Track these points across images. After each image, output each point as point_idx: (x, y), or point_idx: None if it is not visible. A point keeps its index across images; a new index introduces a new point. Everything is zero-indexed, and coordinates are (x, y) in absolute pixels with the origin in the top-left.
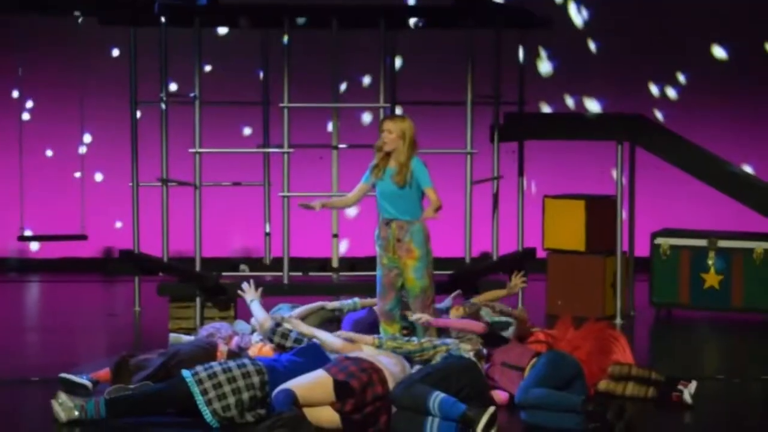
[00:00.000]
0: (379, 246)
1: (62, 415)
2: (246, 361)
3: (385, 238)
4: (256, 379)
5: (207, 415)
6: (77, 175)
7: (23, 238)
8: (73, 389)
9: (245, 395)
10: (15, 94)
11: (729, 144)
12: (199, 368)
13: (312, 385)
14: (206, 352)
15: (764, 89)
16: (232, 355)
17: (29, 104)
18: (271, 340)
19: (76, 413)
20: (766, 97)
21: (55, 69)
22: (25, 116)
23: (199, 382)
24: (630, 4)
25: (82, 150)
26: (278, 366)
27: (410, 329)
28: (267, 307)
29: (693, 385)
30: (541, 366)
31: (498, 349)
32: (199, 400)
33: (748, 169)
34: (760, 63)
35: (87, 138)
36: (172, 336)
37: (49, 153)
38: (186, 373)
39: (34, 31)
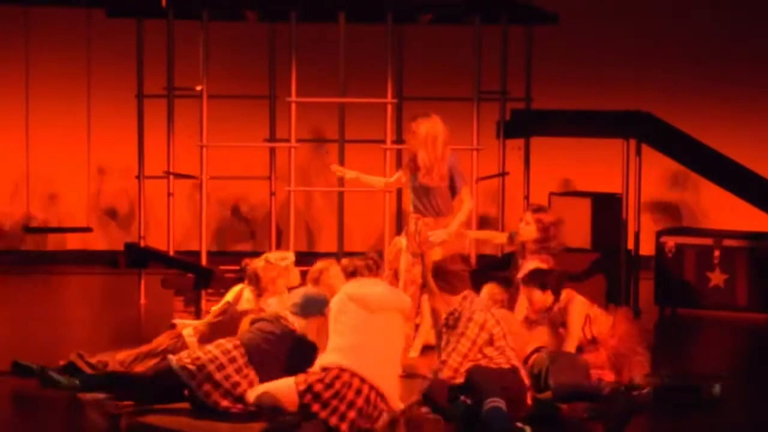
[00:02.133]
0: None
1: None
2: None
3: (412, 233)
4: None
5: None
6: (84, 167)
7: (29, 230)
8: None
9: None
10: (21, 85)
11: (737, 142)
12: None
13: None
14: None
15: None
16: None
17: (35, 95)
18: None
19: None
20: None
21: (62, 60)
22: (31, 107)
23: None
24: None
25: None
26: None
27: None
28: None
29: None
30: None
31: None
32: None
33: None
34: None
35: (93, 130)
36: (178, 322)
37: (55, 144)
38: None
39: (42, 22)
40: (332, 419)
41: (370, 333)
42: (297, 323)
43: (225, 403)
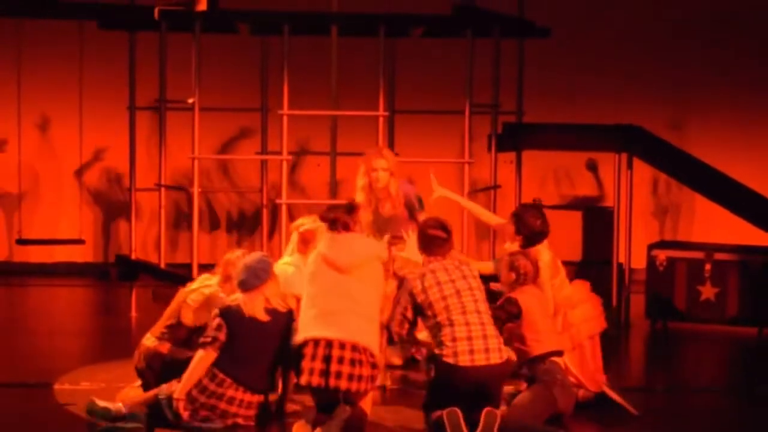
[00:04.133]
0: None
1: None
2: None
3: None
4: None
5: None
6: (76, 179)
7: (21, 242)
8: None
9: None
10: (14, 96)
11: (729, 156)
12: None
13: None
14: None
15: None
16: None
17: (27, 107)
18: None
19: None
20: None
21: (54, 72)
22: (23, 119)
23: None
24: (631, 11)
25: (80, 153)
26: None
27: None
28: None
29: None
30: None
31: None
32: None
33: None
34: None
35: (85, 141)
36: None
37: (47, 157)
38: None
39: (34, 34)
40: (330, 382)
41: (343, 294)
42: (246, 300)
43: (228, 421)
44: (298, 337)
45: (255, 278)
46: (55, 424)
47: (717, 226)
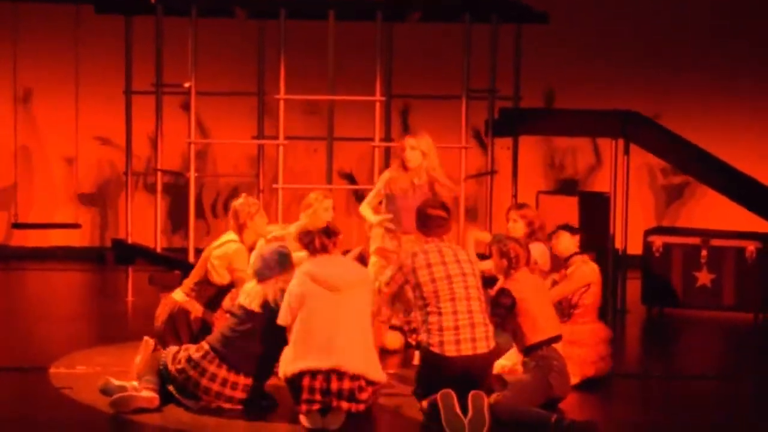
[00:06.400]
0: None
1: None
2: None
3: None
4: None
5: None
6: (72, 163)
7: (17, 226)
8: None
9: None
10: (10, 82)
11: (726, 142)
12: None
13: None
14: None
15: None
16: None
17: (24, 92)
18: None
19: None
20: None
21: (50, 57)
22: (20, 104)
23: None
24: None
25: (77, 137)
26: None
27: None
28: None
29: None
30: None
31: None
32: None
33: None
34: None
35: (81, 125)
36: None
37: (43, 141)
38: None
39: (30, 18)
40: (332, 405)
41: (336, 316)
42: (268, 290)
43: (217, 404)
44: (295, 365)
45: (268, 269)
46: (51, 407)
47: (713, 212)
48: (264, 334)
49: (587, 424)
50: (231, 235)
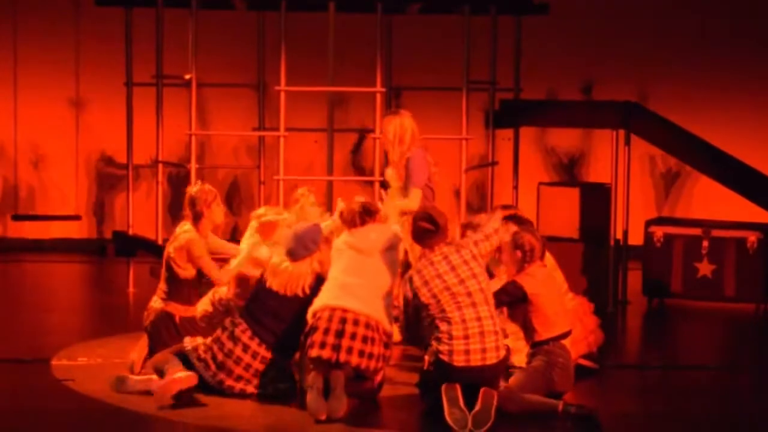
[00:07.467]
0: None
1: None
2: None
3: None
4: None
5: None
6: (72, 155)
7: (17, 217)
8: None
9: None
10: (9, 73)
11: (727, 133)
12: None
13: None
14: None
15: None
16: None
17: (24, 83)
18: None
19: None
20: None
21: (50, 48)
22: (19, 95)
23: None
24: None
25: (77, 130)
26: None
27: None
28: None
29: None
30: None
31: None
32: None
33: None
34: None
35: (81, 118)
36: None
37: (43, 132)
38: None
39: (29, 10)
40: (341, 356)
41: (361, 272)
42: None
43: (239, 386)
44: (315, 304)
45: (303, 249)
46: (53, 399)
47: (715, 203)
48: (299, 313)
49: (594, 410)
50: (184, 227)
